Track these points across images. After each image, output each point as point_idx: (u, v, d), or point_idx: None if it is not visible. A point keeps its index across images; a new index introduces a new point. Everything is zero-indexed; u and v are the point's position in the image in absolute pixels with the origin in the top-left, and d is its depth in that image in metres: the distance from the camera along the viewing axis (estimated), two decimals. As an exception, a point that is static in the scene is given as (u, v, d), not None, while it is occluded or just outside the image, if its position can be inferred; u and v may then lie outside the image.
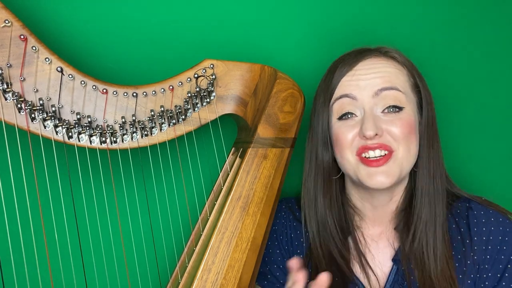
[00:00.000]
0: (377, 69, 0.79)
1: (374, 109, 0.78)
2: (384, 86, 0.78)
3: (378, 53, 0.82)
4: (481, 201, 0.85)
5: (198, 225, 0.82)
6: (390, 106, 0.78)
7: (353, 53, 0.83)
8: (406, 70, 0.82)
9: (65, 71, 0.69)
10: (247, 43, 0.97)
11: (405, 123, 0.78)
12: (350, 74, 0.80)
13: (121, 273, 0.80)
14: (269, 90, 0.81)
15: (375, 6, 1.05)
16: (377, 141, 0.77)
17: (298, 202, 0.92)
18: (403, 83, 0.80)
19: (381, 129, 0.77)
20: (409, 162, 0.79)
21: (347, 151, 0.79)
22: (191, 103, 0.77)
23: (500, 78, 1.13)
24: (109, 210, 0.79)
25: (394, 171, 0.77)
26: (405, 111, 0.78)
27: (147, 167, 0.82)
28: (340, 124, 0.81)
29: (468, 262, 0.80)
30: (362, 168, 0.78)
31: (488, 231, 0.80)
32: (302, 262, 0.85)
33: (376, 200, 0.85)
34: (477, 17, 1.11)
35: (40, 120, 0.68)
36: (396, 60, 0.82)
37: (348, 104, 0.80)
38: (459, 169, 1.09)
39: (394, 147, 0.77)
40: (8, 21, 0.65)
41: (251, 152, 0.80)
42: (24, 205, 0.69)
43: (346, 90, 0.80)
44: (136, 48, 0.89)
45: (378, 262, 0.84)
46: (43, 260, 0.71)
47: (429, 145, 0.81)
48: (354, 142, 0.79)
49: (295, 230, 0.90)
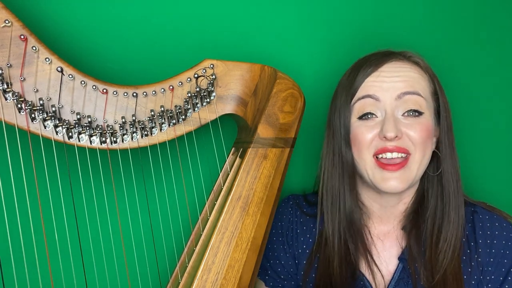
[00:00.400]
0: (401, 72, 0.81)
1: (395, 112, 0.80)
2: (407, 90, 0.80)
3: (402, 57, 0.83)
4: (486, 206, 0.87)
5: (198, 225, 0.82)
6: (411, 110, 0.80)
7: (378, 54, 0.84)
8: (428, 76, 0.84)
9: (65, 71, 0.69)
10: (247, 43, 0.97)
11: (424, 128, 0.79)
12: (375, 75, 0.81)
13: (121, 273, 0.80)
14: (269, 90, 0.81)
15: (376, 7, 1.05)
16: (396, 144, 0.78)
17: (306, 198, 0.94)
18: (424, 88, 0.82)
19: (401, 132, 0.79)
20: (422, 167, 0.81)
21: (365, 151, 0.81)
22: (191, 103, 0.77)
23: (505, 80, 1.13)
24: (109, 210, 0.79)
25: (408, 177, 0.79)
26: (424, 116, 0.80)
27: (147, 167, 0.82)
28: (360, 123, 0.82)
29: (472, 264, 0.82)
30: (377, 172, 0.80)
31: (492, 235, 0.83)
32: (308, 257, 0.88)
33: (385, 201, 0.86)
34: (483, 19, 1.10)
35: (40, 120, 0.68)
36: (419, 66, 0.83)
37: (370, 104, 0.81)
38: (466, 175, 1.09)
39: (412, 150, 0.79)
40: (8, 21, 0.65)
41: (251, 152, 0.80)
42: (24, 205, 0.69)
43: (369, 90, 0.81)
44: (136, 48, 0.89)
45: (384, 260, 0.86)
46: (43, 260, 0.71)
47: (451, 149, 0.84)
48: (373, 142, 0.80)
49: (301, 226, 0.91)
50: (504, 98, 1.13)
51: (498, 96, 1.13)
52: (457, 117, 1.08)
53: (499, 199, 1.09)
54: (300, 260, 0.89)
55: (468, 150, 1.11)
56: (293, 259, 0.90)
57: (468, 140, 1.11)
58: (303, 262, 0.89)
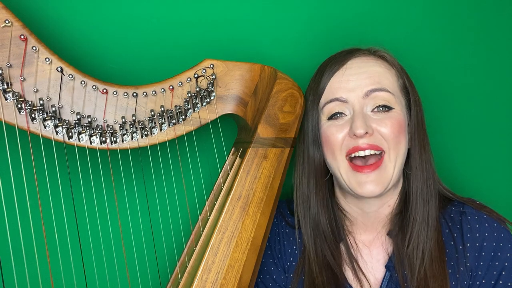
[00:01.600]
0: (366, 68, 0.79)
1: (364, 108, 0.78)
2: (374, 87, 0.78)
3: (367, 53, 0.82)
4: (475, 205, 0.83)
5: (198, 225, 0.82)
6: (380, 105, 0.78)
7: (343, 52, 0.83)
8: (395, 70, 0.82)
9: (65, 71, 0.69)
10: (247, 43, 0.97)
11: (395, 122, 0.77)
12: (340, 74, 0.80)
13: (121, 273, 0.80)
14: (269, 90, 0.81)
15: (374, 6, 1.05)
16: (367, 141, 0.76)
17: (289, 206, 0.91)
18: (392, 83, 0.80)
19: (371, 128, 0.77)
20: (398, 165, 0.79)
21: (337, 153, 0.79)
22: (191, 103, 0.77)
23: (499, 79, 1.13)
24: (109, 210, 0.79)
25: (384, 179, 0.77)
26: (394, 111, 0.79)
27: (147, 167, 0.82)
28: (329, 124, 0.80)
29: (461, 269, 0.78)
30: (352, 176, 0.78)
31: (481, 237, 0.79)
32: (295, 270, 0.84)
33: (367, 206, 0.83)
34: (477, 17, 1.11)
35: (40, 120, 0.68)
36: (385, 60, 0.82)
37: (337, 105, 0.80)
38: (452, 171, 1.09)
39: (385, 147, 0.77)
40: (8, 21, 0.65)
41: (251, 152, 0.80)
42: (24, 205, 0.69)
43: (336, 93, 0.80)
44: (136, 48, 0.89)
45: (371, 268, 0.83)
46: (43, 260, 0.71)
47: (420, 146, 0.81)
48: (344, 142, 0.78)
49: (287, 237, 0.88)
50: (501, 96, 1.13)
51: (495, 94, 1.13)
52: (451, 114, 1.10)
53: (495, 197, 1.10)
54: (289, 273, 0.86)
55: (462, 147, 1.11)
56: (284, 272, 0.87)
57: (462, 137, 1.11)
58: (291, 275, 0.85)
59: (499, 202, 0.99)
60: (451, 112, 1.10)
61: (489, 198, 0.92)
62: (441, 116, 1.08)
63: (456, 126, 1.11)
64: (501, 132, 1.13)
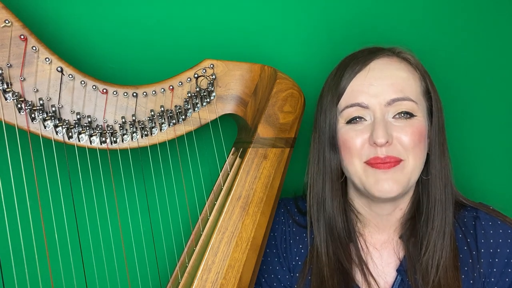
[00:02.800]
0: (389, 71, 0.77)
1: (386, 115, 0.76)
2: (397, 96, 0.75)
3: (391, 54, 0.79)
4: (489, 210, 0.82)
5: (198, 225, 0.82)
6: (403, 111, 0.76)
7: (365, 51, 0.80)
8: (419, 74, 0.79)
9: (65, 71, 0.69)
10: (247, 43, 0.97)
11: (416, 130, 0.75)
12: (362, 76, 0.77)
13: (121, 273, 0.80)
14: (269, 90, 0.81)
15: (376, 5, 1.05)
16: (386, 152, 0.74)
17: (297, 203, 0.90)
18: (415, 90, 0.77)
19: (392, 137, 0.75)
20: (417, 171, 0.77)
21: (355, 158, 0.77)
22: (191, 103, 0.77)
23: (504, 79, 1.12)
24: (109, 210, 0.79)
25: (402, 179, 0.75)
26: (416, 118, 0.76)
27: (147, 167, 0.82)
28: (348, 128, 0.78)
29: (475, 275, 0.77)
30: (371, 173, 0.75)
31: (495, 243, 0.78)
32: (301, 270, 0.83)
33: (380, 209, 0.82)
34: (482, 17, 1.10)
35: (40, 120, 0.68)
36: (409, 63, 0.79)
37: (358, 110, 0.77)
38: (464, 175, 1.08)
39: (404, 157, 0.75)
40: (8, 21, 0.65)
41: (251, 152, 0.80)
42: (24, 205, 0.69)
43: (357, 98, 0.77)
44: (136, 48, 0.89)
45: (382, 271, 0.81)
46: (43, 260, 0.71)
47: (440, 152, 0.79)
48: (363, 149, 0.76)
49: (294, 236, 0.86)
50: (504, 97, 1.13)
51: (499, 95, 1.12)
52: (458, 116, 1.09)
53: (500, 199, 1.09)
54: (294, 273, 0.85)
55: (468, 149, 1.11)
56: (289, 272, 0.85)
57: (469, 140, 1.11)
58: (297, 275, 0.84)
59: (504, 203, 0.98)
60: (454, 113, 1.09)
61: (502, 203, 0.91)
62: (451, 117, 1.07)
63: (468, 128, 1.10)
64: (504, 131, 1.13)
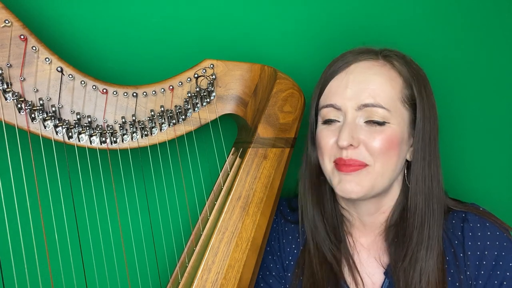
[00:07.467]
0: (367, 76, 0.76)
1: (357, 119, 0.76)
2: (368, 102, 0.74)
3: (375, 56, 0.78)
4: (479, 212, 0.81)
5: (198, 225, 0.82)
6: (371, 120, 0.75)
7: (355, 51, 0.80)
8: (402, 80, 0.77)
9: (65, 71, 0.69)
10: (247, 43, 0.97)
11: (385, 137, 0.74)
12: (340, 78, 0.78)
13: (121, 273, 0.80)
14: (269, 90, 0.81)
15: (375, 5, 1.05)
16: (351, 156, 0.74)
17: (290, 204, 0.91)
18: (390, 97, 0.75)
19: (358, 140, 0.74)
20: (386, 178, 0.76)
21: (326, 157, 0.78)
22: (191, 103, 0.77)
23: (499, 81, 1.12)
24: (109, 210, 0.79)
25: (365, 184, 0.75)
26: (389, 126, 0.75)
27: (147, 167, 0.82)
28: (323, 127, 0.79)
29: (461, 277, 0.77)
30: (336, 173, 0.77)
31: (483, 245, 0.76)
32: (294, 272, 0.83)
33: (360, 209, 0.82)
34: (479, 17, 1.10)
35: (40, 120, 0.68)
36: (394, 67, 0.78)
37: (332, 111, 0.78)
38: (458, 176, 1.08)
39: (369, 162, 0.75)
40: (8, 21, 0.65)
41: (251, 152, 0.80)
42: (24, 205, 0.69)
43: (332, 99, 0.78)
44: (136, 48, 0.89)
45: (370, 272, 0.82)
46: (43, 260, 0.71)
47: (423, 161, 0.77)
48: (332, 150, 0.77)
49: (286, 236, 0.88)
50: (499, 98, 1.13)
51: (494, 96, 1.12)
52: (454, 117, 1.09)
53: (496, 199, 1.09)
54: (287, 272, 0.85)
55: (463, 151, 1.11)
56: (283, 271, 0.86)
57: (463, 141, 1.11)
58: (289, 275, 0.85)
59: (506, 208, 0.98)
60: (453, 114, 1.10)
61: (495, 204, 0.91)
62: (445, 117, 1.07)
63: (461, 129, 1.10)
64: (502, 131, 1.13)
